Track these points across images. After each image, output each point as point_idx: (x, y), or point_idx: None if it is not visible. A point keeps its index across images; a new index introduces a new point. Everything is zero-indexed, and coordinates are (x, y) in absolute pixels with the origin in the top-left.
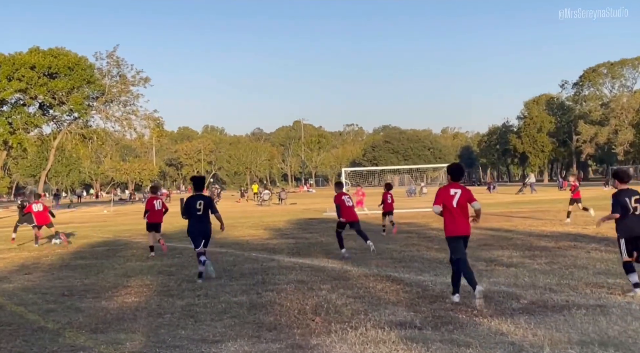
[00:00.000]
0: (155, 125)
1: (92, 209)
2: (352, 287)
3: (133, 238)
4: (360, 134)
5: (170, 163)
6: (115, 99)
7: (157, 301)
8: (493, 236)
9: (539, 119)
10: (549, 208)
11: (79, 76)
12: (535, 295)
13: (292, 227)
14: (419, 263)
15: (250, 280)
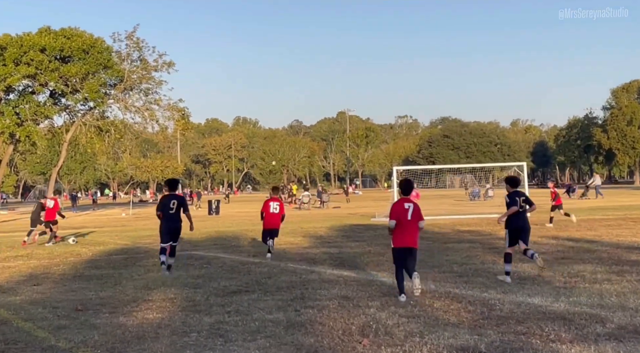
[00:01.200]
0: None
1: (109, 212)
2: (405, 305)
3: (155, 245)
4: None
5: (197, 159)
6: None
7: (181, 317)
8: (573, 248)
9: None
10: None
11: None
12: (625, 318)
13: (336, 234)
14: (484, 278)
15: (288, 295)
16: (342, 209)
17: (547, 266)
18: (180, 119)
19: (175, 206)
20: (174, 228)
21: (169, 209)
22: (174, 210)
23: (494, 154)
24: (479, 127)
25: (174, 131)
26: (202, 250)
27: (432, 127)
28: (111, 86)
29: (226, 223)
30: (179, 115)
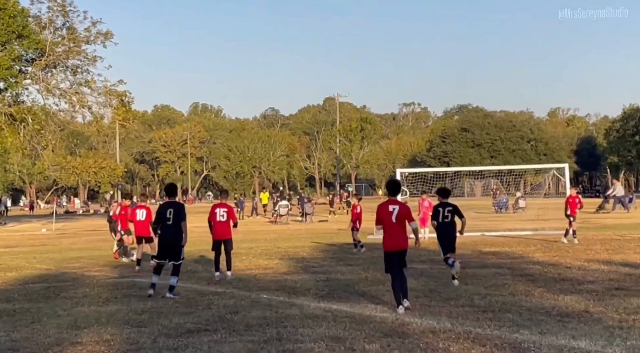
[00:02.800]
0: (119, 103)
1: (24, 226)
2: (413, 348)
3: (86, 270)
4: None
5: (142, 158)
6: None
7: None
8: (630, 276)
9: None
10: None
11: (4, 27)
12: None
13: (322, 256)
14: (515, 314)
15: (260, 335)
16: (330, 224)
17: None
18: (120, 106)
19: (172, 215)
20: (170, 241)
21: (166, 220)
22: (171, 220)
23: (526, 154)
24: (507, 119)
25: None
26: (148, 276)
27: (446, 119)
28: (28, 62)
29: None
30: (118, 101)
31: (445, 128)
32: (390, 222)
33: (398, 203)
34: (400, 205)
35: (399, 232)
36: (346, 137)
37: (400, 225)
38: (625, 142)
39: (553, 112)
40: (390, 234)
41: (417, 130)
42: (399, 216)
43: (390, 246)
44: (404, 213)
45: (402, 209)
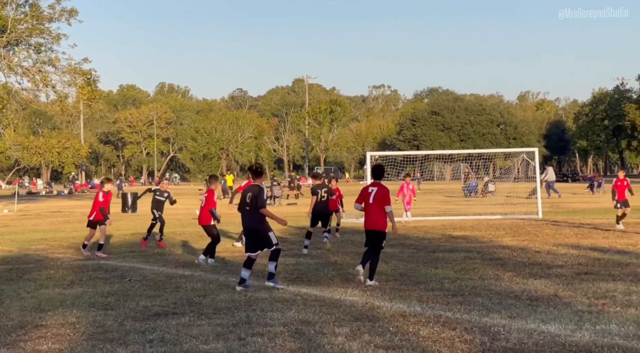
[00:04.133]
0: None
1: None
2: (383, 332)
3: (50, 252)
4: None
5: (107, 139)
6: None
7: (87, 349)
8: (599, 261)
9: None
10: None
11: None
12: None
13: (291, 240)
14: (484, 298)
15: (229, 319)
16: (299, 207)
17: (334, 250)
18: (85, 85)
19: (250, 199)
20: (253, 229)
21: (245, 204)
22: (249, 205)
23: (495, 138)
24: (477, 102)
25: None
26: (115, 258)
27: (416, 102)
28: None
29: (146, 224)
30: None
31: (415, 111)
32: (368, 203)
33: (378, 185)
34: (379, 187)
35: (376, 213)
36: (315, 119)
37: (377, 206)
38: (594, 126)
39: (523, 96)
40: (368, 214)
41: (387, 113)
42: (376, 198)
43: (367, 225)
44: (380, 195)
45: (379, 191)
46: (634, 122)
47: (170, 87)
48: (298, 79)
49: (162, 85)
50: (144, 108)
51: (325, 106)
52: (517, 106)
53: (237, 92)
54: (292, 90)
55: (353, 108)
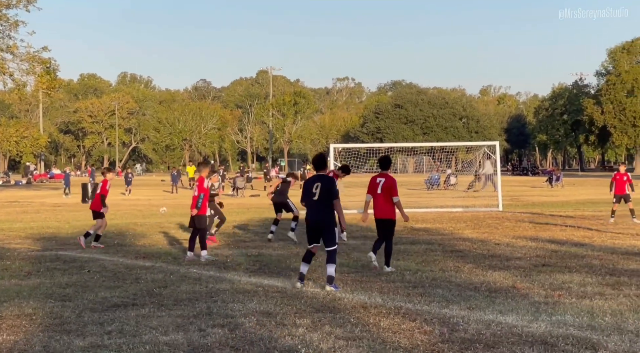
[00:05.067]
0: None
1: None
2: (344, 323)
3: (7, 243)
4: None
5: (67, 128)
6: None
7: (43, 340)
8: (556, 253)
9: (630, 76)
10: None
11: None
12: (622, 343)
13: (253, 231)
14: (444, 290)
15: (189, 310)
16: (262, 198)
17: None
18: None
19: (319, 190)
20: (316, 221)
21: (311, 195)
22: (317, 196)
23: (458, 131)
24: (440, 96)
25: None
26: (73, 249)
27: (380, 94)
28: None
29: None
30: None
31: (379, 104)
32: (377, 193)
33: (385, 176)
34: (386, 178)
35: (385, 202)
36: (279, 111)
37: (385, 196)
38: (553, 121)
39: (485, 90)
40: (377, 204)
41: (351, 105)
42: (384, 188)
43: (376, 214)
44: (388, 185)
45: (387, 181)
46: (592, 117)
47: (133, 77)
48: (262, 70)
49: (124, 75)
50: (105, 98)
51: (289, 98)
52: (479, 100)
53: (200, 83)
54: (256, 81)
55: (317, 100)
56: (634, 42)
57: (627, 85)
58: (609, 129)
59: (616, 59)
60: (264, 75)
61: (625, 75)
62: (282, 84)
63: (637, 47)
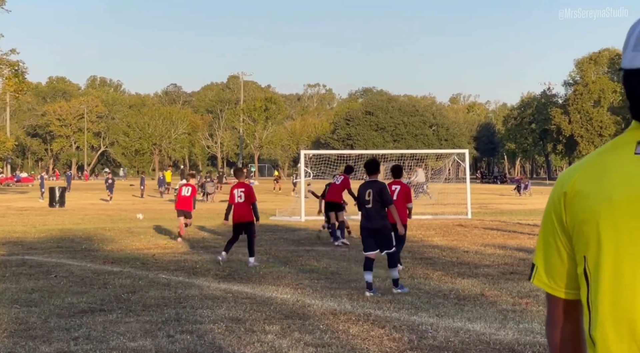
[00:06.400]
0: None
1: None
2: (313, 330)
3: None
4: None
5: (35, 132)
6: None
7: (8, 346)
8: (524, 261)
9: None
10: None
11: None
12: None
13: (223, 237)
14: (413, 297)
15: (158, 316)
16: None
17: None
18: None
19: (371, 197)
20: (372, 228)
21: (365, 202)
22: (370, 203)
23: (428, 138)
24: (410, 103)
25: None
26: (39, 254)
27: (351, 101)
28: None
29: (74, 219)
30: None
31: (350, 111)
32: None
33: (400, 183)
34: (401, 185)
35: (400, 208)
36: (250, 116)
37: (401, 203)
38: (522, 129)
39: (454, 98)
40: None
41: (322, 112)
42: (400, 195)
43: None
44: (403, 193)
45: (402, 189)
46: (559, 127)
47: (102, 80)
48: (233, 75)
49: (94, 78)
50: (74, 101)
51: (260, 104)
52: (449, 108)
53: (171, 87)
54: (227, 86)
55: (288, 106)
56: (600, 53)
57: (594, 95)
58: (576, 138)
59: (583, 70)
60: (235, 80)
61: (592, 85)
62: (253, 89)
63: (604, 58)
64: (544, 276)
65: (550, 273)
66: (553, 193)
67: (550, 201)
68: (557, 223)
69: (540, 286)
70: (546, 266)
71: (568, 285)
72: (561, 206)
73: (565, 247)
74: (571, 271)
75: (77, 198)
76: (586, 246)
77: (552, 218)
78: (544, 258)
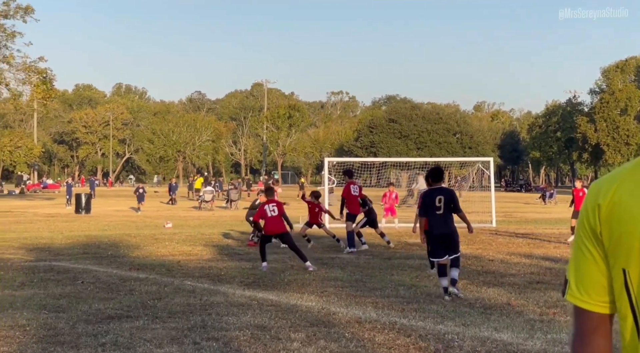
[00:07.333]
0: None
1: None
2: (339, 338)
3: (0, 253)
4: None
5: (61, 138)
6: None
7: (37, 352)
8: (550, 270)
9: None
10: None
11: None
12: None
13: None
14: (439, 306)
15: (184, 323)
16: None
17: None
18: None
19: (442, 203)
20: (444, 235)
21: (435, 208)
22: (441, 210)
23: (451, 146)
24: (434, 111)
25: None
26: (66, 260)
27: (374, 109)
28: None
29: (100, 225)
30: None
31: (373, 118)
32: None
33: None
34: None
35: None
36: (273, 124)
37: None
38: (547, 138)
39: (479, 106)
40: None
41: (345, 119)
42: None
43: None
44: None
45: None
46: (585, 135)
47: (128, 88)
48: (257, 83)
49: (119, 85)
50: (100, 108)
51: (283, 111)
52: (472, 116)
53: (195, 94)
54: (250, 94)
55: (311, 114)
56: (627, 61)
57: (621, 103)
58: (602, 147)
59: (610, 78)
60: (259, 88)
61: (619, 93)
62: (277, 97)
63: (630, 66)
64: (576, 290)
65: (583, 287)
66: (586, 204)
67: (584, 212)
68: (591, 235)
69: (573, 302)
70: (578, 279)
71: (602, 299)
72: (595, 218)
73: (600, 260)
74: (606, 285)
75: (101, 205)
76: (627, 258)
77: (586, 229)
78: (575, 270)
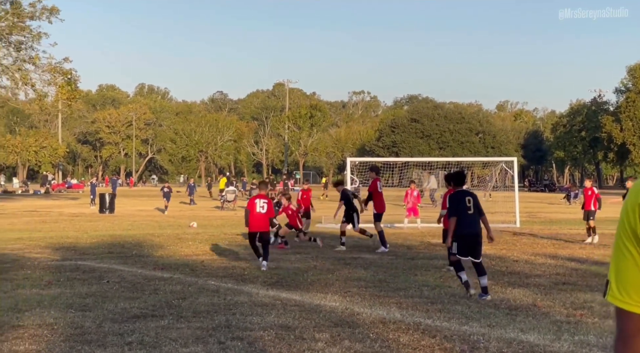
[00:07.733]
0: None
1: None
2: (363, 339)
3: (27, 252)
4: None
5: (85, 139)
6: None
7: (64, 350)
8: (576, 271)
9: None
10: None
11: None
12: None
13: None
14: (463, 306)
15: (208, 322)
16: None
17: None
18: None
19: (472, 204)
20: (475, 235)
21: (467, 208)
22: (472, 209)
23: (474, 146)
24: (456, 110)
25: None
26: (92, 259)
27: (396, 108)
28: None
29: (124, 225)
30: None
31: (395, 118)
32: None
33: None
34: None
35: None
36: (295, 123)
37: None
38: (571, 137)
39: (501, 105)
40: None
41: (367, 119)
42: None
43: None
44: None
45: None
46: (611, 134)
47: (150, 88)
48: (278, 83)
49: (142, 86)
50: (123, 109)
51: (305, 111)
52: (495, 115)
53: (217, 94)
54: (272, 94)
55: (333, 113)
56: None
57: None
58: (628, 146)
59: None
60: (281, 87)
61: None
62: (298, 97)
63: None
64: (616, 291)
65: (623, 288)
66: (627, 204)
67: (624, 212)
68: (632, 235)
69: (614, 303)
70: (619, 280)
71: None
72: (636, 218)
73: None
74: None
75: (124, 205)
76: None
77: (627, 229)
78: (616, 271)
